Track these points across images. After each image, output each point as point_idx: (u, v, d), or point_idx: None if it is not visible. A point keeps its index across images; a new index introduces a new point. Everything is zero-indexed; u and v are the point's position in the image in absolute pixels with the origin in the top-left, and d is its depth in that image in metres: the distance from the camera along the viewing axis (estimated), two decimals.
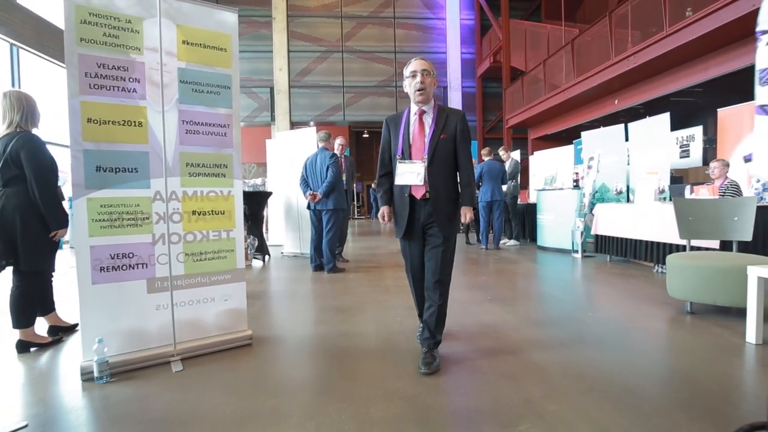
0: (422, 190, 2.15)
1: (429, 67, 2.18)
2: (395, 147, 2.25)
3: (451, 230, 2.21)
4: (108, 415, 1.80)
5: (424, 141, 2.18)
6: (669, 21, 6.33)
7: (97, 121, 2.15)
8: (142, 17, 2.27)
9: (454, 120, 2.21)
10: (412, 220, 2.21)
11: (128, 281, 2.25)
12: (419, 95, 2.16)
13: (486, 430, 1.60)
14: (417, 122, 2.21)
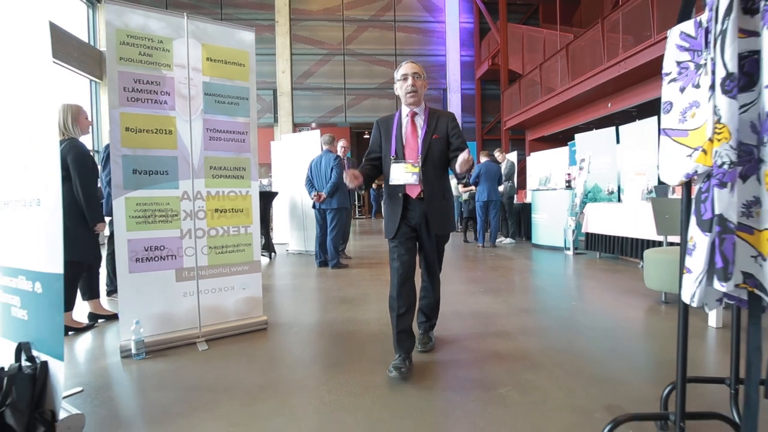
0: (417, 189, 2.18)
1: (420, 70, 2.21)
2: (388, 148, 2.27)
3: (445, 229, 2.27)
4: (148, 384, 2.10)
5: (417, 142, 2.21)
6: (657, 29, 6.61)
7: (134, 130, 2.45)
8: (172, 37, 2.57)
9: (444, 121, 2.25)
10: (404, 219, 2.21)
11: (160, 271, 2.55)
12: (411, 98, 2.19)
13: (472, 392, 1.90)
14: (409, 124, 2.24)
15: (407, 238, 2.22)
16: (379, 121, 2.37)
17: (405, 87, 2.18)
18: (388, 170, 2.23)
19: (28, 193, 1.67)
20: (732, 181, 0.92)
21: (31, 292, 1.71)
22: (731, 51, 0.90)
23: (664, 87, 1.12)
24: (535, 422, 1.63)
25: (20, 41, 1.67)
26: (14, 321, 1.82)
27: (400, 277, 2.17)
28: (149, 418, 1.75)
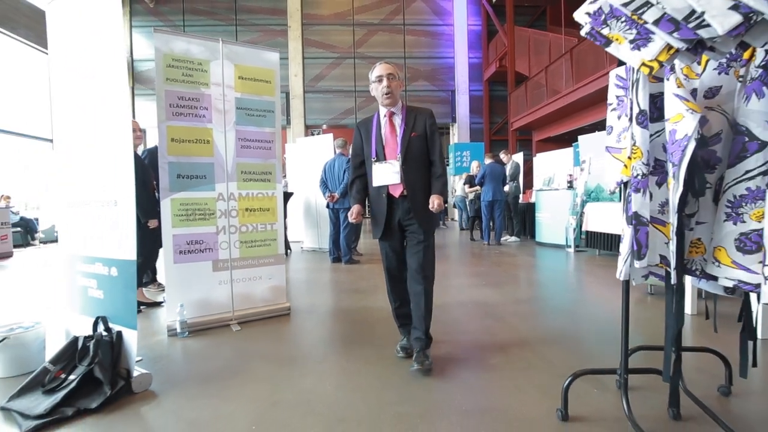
0: (400, 188, 2.18)
1: (394, 71, 2.22)
2: (369, 150, 2.28)
3: (430, 226, 2.25)
4: (193, 356, 2.50)
5: (396, 141, 2.22)
6: None
7: (178, 140, 2.85)
8: (209, 60, 2.96)
9: (422, 118, 2.25)
10: (390, 219, 2.23)
11: (199, 262, 2.95)
12: (387, 98, 2.20)
13: (468, 361, 2.26)
14: (387, 123, 2.25)
15: (394, 236, 2.26)
16: (359, 124, 2.38)
17: (381, 88, 2.20)
18: (370, 172, 2.26)
19: (106, 195, 2.08)
20: (644, 188, 1.26)
21: (107, 275, 2.12)
22: (643, 94, 1.25)
23: (608, 114, 1.46)
24: (518, 383, 1.99)
25: (104, 72, 2.08)
26: (91, 300, 2.23)
27: (392, 278, 2.32)
28: (200, 380, 2.14)
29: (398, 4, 15.69)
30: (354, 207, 2.31)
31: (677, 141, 1.16)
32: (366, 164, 2.32)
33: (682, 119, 1.16)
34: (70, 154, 2.29)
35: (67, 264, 2.37)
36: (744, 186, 1.18)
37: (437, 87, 16.00)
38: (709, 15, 0.92)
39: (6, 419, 1.77)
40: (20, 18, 10.20)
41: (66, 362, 2.00)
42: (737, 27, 0.91)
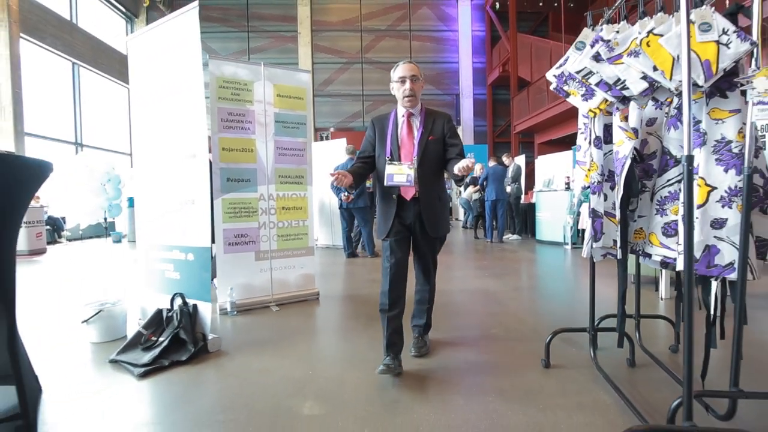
0: (412, 191, 2.15)
1: (417, 72, 2.17)
2: (382, 148, 2.23)
3: (439, 231, 2.23)
4: (243, 329, 3.02)
5: (413, 143, 2.17)
6: None
7: (228, 149, 3.38)
8: (253, 81, 3.49)
9: (441, 122, 2.22)
10: (398, 220, 2.19)
11: (244, 252, 3.48)
12: (408, 101, 2.16)
13: (469, 332, 2.77)
14: (405, 125, 2.21)
15: (401, 237, 2.20)
16: (374, 120, 2.34)
17: (403, 90, 2.16)
18: (382, 171, 2.19)
19: (185, 196, 2.61)
20: (599, 191, 1.77)
21: (184, 260, 2.65)
22: (599, 125, 1.76)
23: (578, 136, 1.98)
24: (511, 346, 2.50)
25: (185, 92, 2.62)
26: (167, 280, 2.77)
27: (392, 276, 2.15)
28: (256, 345, 2.66)
29: (404, 10, 16.23)
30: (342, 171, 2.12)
31: (619, 159, 1.67)
32: (378, 163, 2.25)
33: (623, 144, 1.67)
34: (151, 164, 2.83)
35: (145, 253, 2.91)
36: (667, 190, 1.69)
37: (442, 91, 16.51)
38: (628, 82, 1.43)
39: (116, 368, 2.30)
40: (47, 28, 10.80)
41: (155, 328, 2.53)
42: (645, 90, 1.42)
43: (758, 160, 1.48)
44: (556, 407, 1.76)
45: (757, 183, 1.48)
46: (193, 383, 2.11)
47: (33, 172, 1.68)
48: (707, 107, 1.49)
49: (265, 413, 1.78)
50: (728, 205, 1.45)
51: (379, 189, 2.28)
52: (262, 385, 2.05)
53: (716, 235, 1.47)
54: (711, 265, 1.48)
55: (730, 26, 1.34)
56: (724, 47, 1.34)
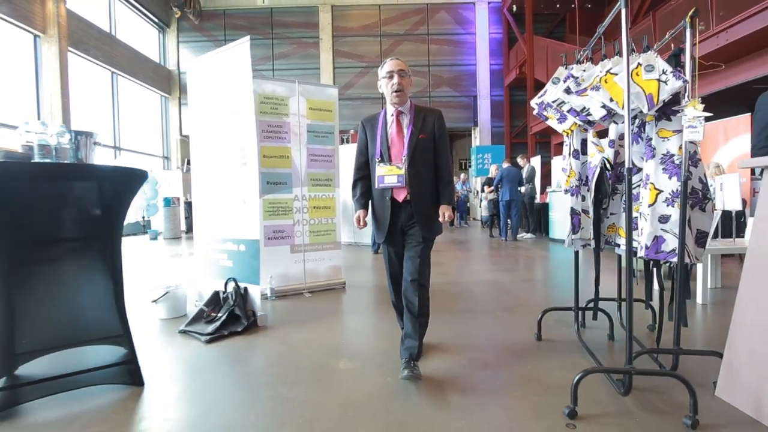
0: (404, 192, 2.08)
1: (405, 67, 2.11)
2: (373, 149, 2.16)
3: (431, 232, 2.13)
4: (282, 310, 3.54)
5: (402, 142, 2.09)
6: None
7: (268, 156, 3.90)
8: (288, 96, 4.01)
9: (431, 119, 2.13)
10: (394, 223, 2.12)
11: (281, 246, 4.00)
12: (396, 96, 2.08)
13: (477, 313, 3.22)
14: (395, 123, 2.13)
15: (398, 243, 2.16)
16: (364, 122, 2.26)
17: (390, 85, 2.08)
18: (374, 173, 2.14)
19: (238, 197, 3.14)
20: (577, 193, 2.20)
21: (237, 250, 3.19)
22: (576, 139, 2.18)
23: (564, 148, 2.40)
24: (511, 323, 2.94)
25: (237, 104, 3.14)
26: (221, 268, 3.30)
27: (396, 285, 2.22)
28: (296, 322, 3.16)
29: (423, 15, 16.64)
30: (358, 212, 2.19)
31: (591, 168, 2.10)
32: (370, 165, 2.20)
33: (594, 155, 2.10)
34: (209, 171, 3.38)
35: (203, 246, 3.46)
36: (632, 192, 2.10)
37: (460, 93, 16.85)
38: (591, 110, 1.85)
39: (185, 337, 2.83)
40: (91, 41, 11.66)
41: (214, 305, 3.06)
42: (604, 116, 1.85)
43: (698, 169, 1.89)
44: (540, 367, 2.20)
45: (696, 187, 1.89)
46: (249, 348, 2.63)
47: (137, 178, 2.22)
48: (656, 127, 1.90)
49: (308, 368, 2.27)
50: (671, 204, 1.86)
51: (373, 191, 2.19)
52: (304, 350, 2.55)
53: (663, 228, 1.89)
54: (659, 251, 1.90)
55: (668, 67, 1.76)
56: (664, 84, 1.75)
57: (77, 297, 2.11)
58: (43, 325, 2.04)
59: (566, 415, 1.67)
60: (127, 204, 2.24)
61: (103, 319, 2.16)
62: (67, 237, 2.08)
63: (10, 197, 1.83)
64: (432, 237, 2.16)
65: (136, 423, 1.76)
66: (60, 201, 2.02)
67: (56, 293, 2.07)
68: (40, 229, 1.99)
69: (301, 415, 1.77)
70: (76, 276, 2.11)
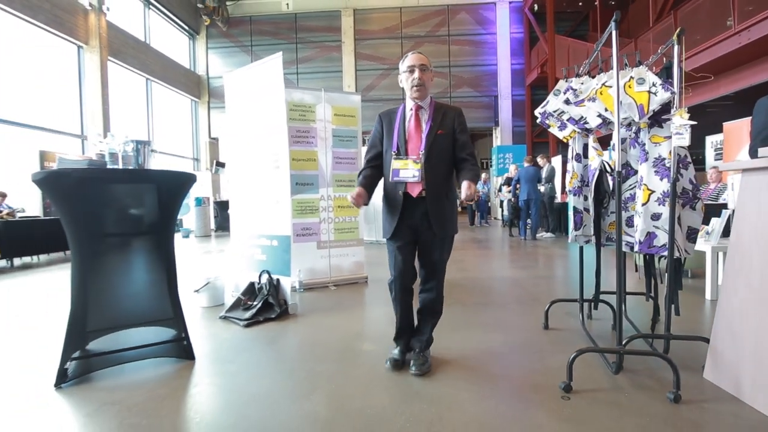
0: (419, 187, 2.02)
1: (426, 62, 2.08)
2: (389, 143, 2.12)
3: (447, 231, 2.10)
4: (310, 300, 3.85)
5: (420, 137, 2.06)
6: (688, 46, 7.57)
7: (296, 159, 4.22)
8: (315, 103, 4.33)
9: (451, 116, 2.10)
10: (403, 218, 2.06)
11: (308, 242, 4.32)
12: (416, 91, 2.05)
13: (490, 305, 3.44)
14: (413, 118, 2.10)
15: (406, 242, 2.10)
16: (382, 115, 2.23)
17: (411, 80, 2.06)
18: (388, 166, 2.09)
19: (272, 197, 3.47)
20: (579, 193, 2.40)
21: (270, 245, 3.51)
22: (578, 144, 2.39)
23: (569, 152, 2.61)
24: (522, 314, 3.16)
25: (270, 113, 3.47)
26: (256, 261, 3.64)
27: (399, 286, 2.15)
28: (323, 311, 3.47)
29: (443, 16, 16.80)
30: (357, 189, 2.08)
31: (591, 170, 2.31)
32: (384, 158, 2.16)
33: (594, 159, 2.31)
34: (245, 173, 3.73)
35: (239, 241, 3.81)
36: (629, 192, 2.30)
37: (480, 93, 16.92)
38: (588, 118, 2.07)
39: (226, 322, 3.17)
40: (128, 50, 12.35)
41: (249, 295, 3.40)
42: (600, 124, 2.06)
43: (688, 171, 2.08)
44: (544, 351, 2.42)
45: (687, 188, 2.08)
46: (282, 331, 2.94)
47: (187, 180, 2.55)
48: (649, 134, 2.10)
49: (335, 349, 2.56)
50: (663, 203, 2.06)
51: (384, 185, 2.15)
52: (331, 333, 2.85)
53: (655, 225, 2.09)
54: (651, 246, 2.10)
55: (658, 80, 1.96)
56: (654, 95, 1.96)
57: (138, 284, 2.47)
58: (110, 307, 2.39)
59: (561, 389, 1.90)
60: (179, 203, 2.58)
61: (159, 303, 2.50)
62: (131, 231, 2.43)
63: (90, 197, 2.19)
64: (447, 235, 2.12)
65: (191, 387, 2.08)
66: (125, 200, 2.38)
67: (121, 280, 2.43)
68: (109, 225, 2.34)
69: (330, 384, 2.06)
70: (138, 266, 2.46)
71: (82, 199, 2.17)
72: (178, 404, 1.91)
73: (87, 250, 2.26)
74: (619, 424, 1.65)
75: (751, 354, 1.75)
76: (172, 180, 2.50)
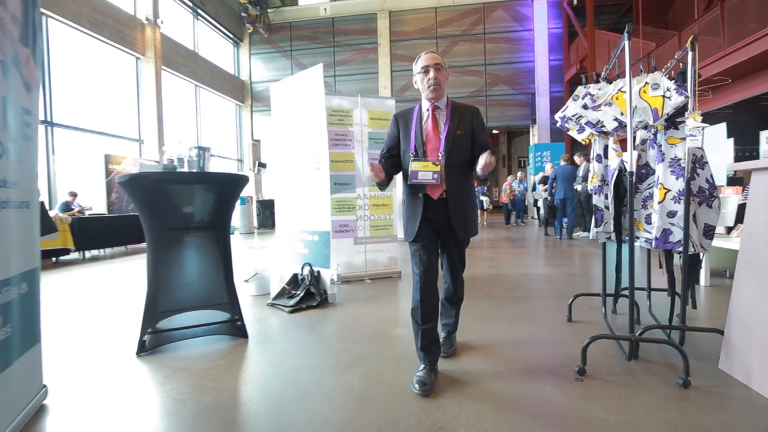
0: (439, 189, 2.01)
1: (441, 61, 2.05)
2: (406, 145, 2.09)
3: (467, 233, 2.09)
4: (348, 292, 4.15)
5: (439, 138, 2.03)
6: (728, 41, 7.28)
7: (335, 161, 4.54)
8: (352, 108, 4.62)
9: (469, 116, 2.08)
10: (425, 221, 2.04)
11: (346, 238, 4.63)
12: (432, 91, 2.03)
13: (518, 300, 3.60)
14: (430, 119, 2.06)
15: (429, 241, 2.07)
16: (397, 116, 2.21)
17: (427, 80, 2.03)
18: (407, 168, 2.06)
19: (314, 195, 3.79)
20: (599, 192, 2.54)
21: (311, 240, 3.84)
22: (599, 146, 2.53)
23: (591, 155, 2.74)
24: (550, 308, 3.30)
25: (311, 119, 3.80)
26: (298, 254, 3.98)
27: (423, 285, 2.05)
28: (360, 300, 3.75)
29: (479, 14, 16.74)
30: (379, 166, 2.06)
31: (611, 170, 2.44)
32: (403, 161, 2.14)
33: (613, 159, 2.44)
34: (289, 174, 4.08)
35: (284, 236, 4.17)
36: (648, 191, 2.42)
37: (517, 90, 16.74)
38: (605, 122, 2.21)
39: (273, 309, 3.52)
40: (179, 59, 13.23)
41: (293, 285, 3.74)
42: (616, 128, 2.20)
43: (704, 171, 2.19)
44: (564, 340, 2.58)
45: (704, 186, 2.19)
46: (323, 318, 3.25)
47: (241, 181, 2.90)
48: (666, 135, 2.22)
49: (371, 333, 2.83)
50: (678, 201, 2.18)
51: (404, 188, 2.14)
52: (367, 320, 3.12)
53: (670, 222, 2.21)
54: (667, 242, 2.22)
55: (672, 85, 2.08)
56: (668, 99, 2.08)
57: (200, 272, 2.84)
58: (176, 291, 2.77)
59: (576, 372, 2.08)
60: (234, 202, 2.94)
61: (217, 290, 2.86)
62: (194, 226, 2.81)
63: (163, 196, 2.58)
64: (467, 238, 2.13)
65: (246, 359, 2.42)
66: (191, 199, 2.75)
67: (186, 269, 2.80)
68: (177, 220, 2.72)
69: (366, 361, 2.33)
70: (199, 256, 2.84)
71: (157, 198, 2.56)
72: (236, 371, 2.25)
73: (159, 242, 2.65)
74: (625, 402, 1.81)
75: (761, 343, 1.86)
76: (229, 181, 2.85)
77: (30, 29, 1.73)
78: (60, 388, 2.07)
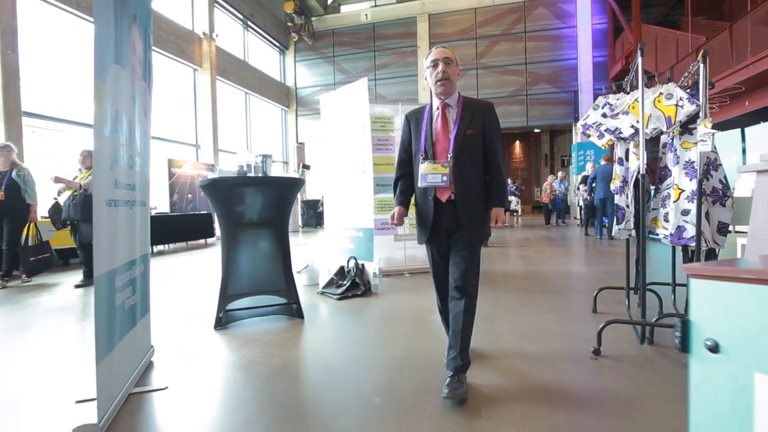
0: (447, 192, 1.94)
1: (451, 55, 1.97)
2: (417, 145, 2.03)
3: (478, 235, 1.98)
4: (389, 284, 4.53)
5: (448, 138, 1.95)
6: None
7: (378, 164, 4.93)
8: (393, 115, 5.01)
9: (481, 113, 1.97)
10: (437, 224, 1.99)
11: (387, 235, 5.02)
12: (440, 86, 1.95)
13: (550, 293, 3.84)
14: (440, 117, 1.98)
15: (442, 244, 2.04)
16: (409, 116, 2.14)
17: (435, 74, 1.95)
18: (416, 170, 2.01)
19: (359, 195, 4.22)
20: (621, 192, 2.76)
21: (356, 236, 4.26)
22: (620, 150, 2.75)
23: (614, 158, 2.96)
24: (578, 301, 3.52)
25: (357, 125, 4.22)
26: (345, 249, 4.42)
27: (440, 292, 2.15)
28: (399, 291, 4.12)
29: (519, 13, 16.65)
30: (395, 209, 2.11)
31: (631, 172, 2.67)
32: (413, 162, 2.07)
33: (634, 162, 2.66)
34: (337, 176, 4.53)
35: (332, 233, 4.63)
36: (666, 191, 2.62)
37: (559, 89, 16.48)
38: (622, 129, 2.45)
39: (323, 297, 3.97)
40: (231, 69, 14.19)
41: (340, 276, 4.18)
42: (632, 134, 2.43)
43: (718, 172, 2.38)
44: (586, 328, 2.82)
45: (717, 186, 2.38)
46: (367, 305, 3.65)
47: (298, 183, 3.35)
48: (680, 140, 2.43)
49: (409, 318, 3.20)
50: (691, 200, 2.38)
51: (416, 190, 2.08)
52: (406, 308, 3.49)
53: (684, 219, 2.42)
54: (681, 237, 2.43)
55: (684, 95, 2.30)
56: (680, 108, 2.30)
57: (263, 262, 3.32)
58: (243, 278, 3.26)
59: (592, 352, 2.34)
60: (292, 201, 3.40)
61: (277, 277, 3.33)
62: (260, 222, 3.29)
63: (234, 197, 3.07)
64: (479, 240, 1.99)
65: (303, 334, 2.86)
66: (257, 199, 3.24)
67: (251, 259, 3.29)
68: (246, 217, 3.21)
69: (405, 338, 2.70)
70: (264, 248, 3.31)
71: (231, 198, 3.05)
72: (297, 343, 2.69)
73: (231, 235, 3.15)
74: (633, 378, 2.06)
75: None
76: (288, 183, 3.31)
77: (147, 67, 2.24)
78: (161, 351, 2.59)
